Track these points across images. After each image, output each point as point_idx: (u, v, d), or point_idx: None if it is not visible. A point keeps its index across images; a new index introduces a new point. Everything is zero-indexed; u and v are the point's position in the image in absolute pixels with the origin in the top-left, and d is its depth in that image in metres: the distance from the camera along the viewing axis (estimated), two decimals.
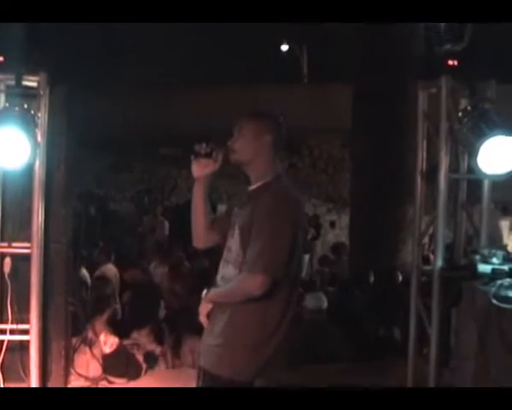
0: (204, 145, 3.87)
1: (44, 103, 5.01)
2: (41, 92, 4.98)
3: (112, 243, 12.55)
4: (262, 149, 3.81)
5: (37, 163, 4.99)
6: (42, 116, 4.99)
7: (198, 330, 6.84)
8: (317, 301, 7.44)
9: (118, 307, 7.54)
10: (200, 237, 4.08)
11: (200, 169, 3.92)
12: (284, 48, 20.33)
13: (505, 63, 5.39)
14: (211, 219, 4.06)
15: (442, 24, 5.05)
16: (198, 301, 4.08)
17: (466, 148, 5.22)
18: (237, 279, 3.74)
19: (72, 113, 5.51)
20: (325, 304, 7.42)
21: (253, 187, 3.87)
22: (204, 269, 9.88)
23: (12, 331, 5.14)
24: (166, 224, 16.22)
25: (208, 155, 3.87)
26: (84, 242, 11.86)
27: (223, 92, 17.95)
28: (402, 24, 10.36)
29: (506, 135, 4.76)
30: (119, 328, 6.55)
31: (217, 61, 18.03)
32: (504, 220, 14.71)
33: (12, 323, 5.13)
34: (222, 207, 10.40)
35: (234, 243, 3.83)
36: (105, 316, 6.51)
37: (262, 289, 3.59)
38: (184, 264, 10.60)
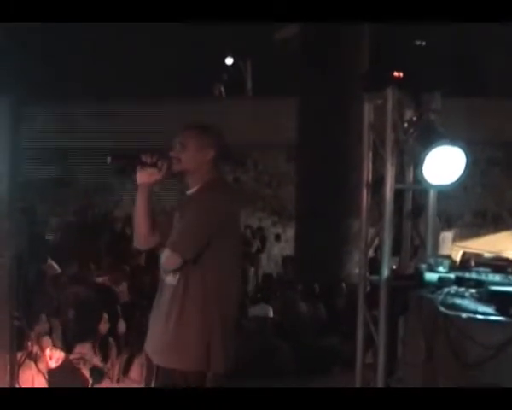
0: (150, 155, 4.12)
1: None
2: None
3: (55, 257, 12.35)
4: (204, 162, 4.18)
5: None
6: None
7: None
8: (263, 309, 7.50)
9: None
10: (142, 238, 4.31)
11: (146, 177, 4.16)
12: (229, 61, 20.32)
13: (450, 76, 5.44)
14: (152, 222, 4.26)
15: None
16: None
17: (411, 158, 5.26)
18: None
19: (17, 126, 5.43)
20: (271, 313, 7.48)
21: (192, 191, 4.25)
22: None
23: None
24: (109, 238, 16.08)
25: (153, 165, 4.13)
26: (27, 256, 11.67)
27: (166, 106, 17.87)
28: (347, 36, 10.54)
29: (451, 145, 4.82)
30: (64, 341, 6.47)
31: (160, 73, 17.94)
32: (448, 232, 14.94)
33: None
34: None
35: None
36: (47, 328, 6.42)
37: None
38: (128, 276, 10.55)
